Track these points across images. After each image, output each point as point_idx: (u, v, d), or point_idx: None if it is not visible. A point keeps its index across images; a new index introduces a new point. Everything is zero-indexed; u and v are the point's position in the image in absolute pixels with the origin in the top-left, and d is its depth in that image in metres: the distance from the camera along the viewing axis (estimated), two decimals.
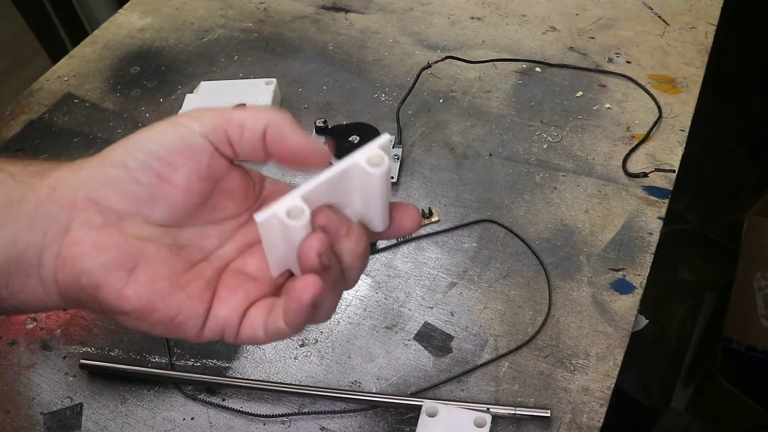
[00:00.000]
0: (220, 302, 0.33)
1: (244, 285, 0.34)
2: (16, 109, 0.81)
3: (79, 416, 0.54)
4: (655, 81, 0.75)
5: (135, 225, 0.32)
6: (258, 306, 0.33)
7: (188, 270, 0.33)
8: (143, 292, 0.31)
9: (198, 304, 0.32)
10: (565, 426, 0.50)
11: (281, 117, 0.33)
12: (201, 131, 0.32)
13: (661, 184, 0.65)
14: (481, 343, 0.55)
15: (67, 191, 0.32)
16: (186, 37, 0.89)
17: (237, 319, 0.33)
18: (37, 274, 0.32)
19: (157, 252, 0.32)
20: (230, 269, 0.35)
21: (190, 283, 0.33)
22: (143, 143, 0.32)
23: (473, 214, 0.65)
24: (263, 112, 0.33)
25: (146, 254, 0.32)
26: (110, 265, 0.31)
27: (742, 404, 1.10)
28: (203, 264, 0.34)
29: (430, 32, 0.85)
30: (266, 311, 0.33)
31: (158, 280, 0.32)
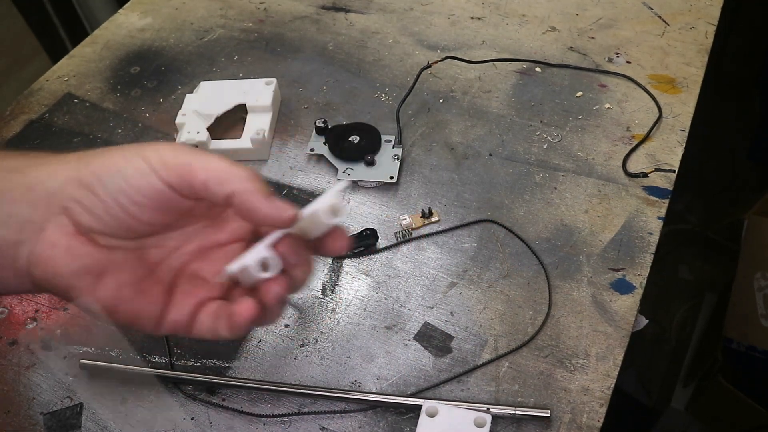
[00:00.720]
0: (174, 306, 0.37)
1: (196, 289, 0.37)
2: (16, 109, 0.81)
3: (79, 416, 0.54)
4: (655, 81, 0.75)
5: (104, 237, 0.35)
6: (206, 311, 0.37)
7: (149, 275, 0.37)
8: (109, 298, 0.35)
9: (155, 308, 0.36)
10: (565, 426, 0.50)
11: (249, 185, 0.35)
12: (166, 180, 0.34)
13: (661, 184, 0.65)
14: (481, 343, 0.55)
15: (43, 195, 0.34)
16: (186, 37, 0.89)
17: (187, 322, 0.37)
18: (12, 267, 0.34)
19: (123, 259, 0.36)
20: (187, 272, 0.38)
21: (150, 289, 0.36)
22: (113, 176, 0.34)
23: (473, 214, 0.65)
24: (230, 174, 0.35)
25: (114, 262, 0.35)
26: (81, 271, 0.34)
27: (742, 404, 1.10)
28: (163, 266, 0.38)
29: (430, 32, 0.85)
30: (213, 317, 0.36)
31: (123, 287, 0.35)
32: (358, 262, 0.62)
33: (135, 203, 0.34)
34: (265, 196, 0.34)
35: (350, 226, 0.65)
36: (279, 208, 0.35)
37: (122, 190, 0.34)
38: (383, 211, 0.66)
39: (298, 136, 0.74)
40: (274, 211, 0.34)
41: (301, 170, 0.71)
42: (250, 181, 0.34)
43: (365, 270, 0.62)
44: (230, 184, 0.34)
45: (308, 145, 0.71)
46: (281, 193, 0.68)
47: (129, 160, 0.34)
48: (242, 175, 0.34)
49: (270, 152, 0.73)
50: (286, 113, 0.77)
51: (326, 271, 0.62)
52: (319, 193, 0.68)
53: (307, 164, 0.71)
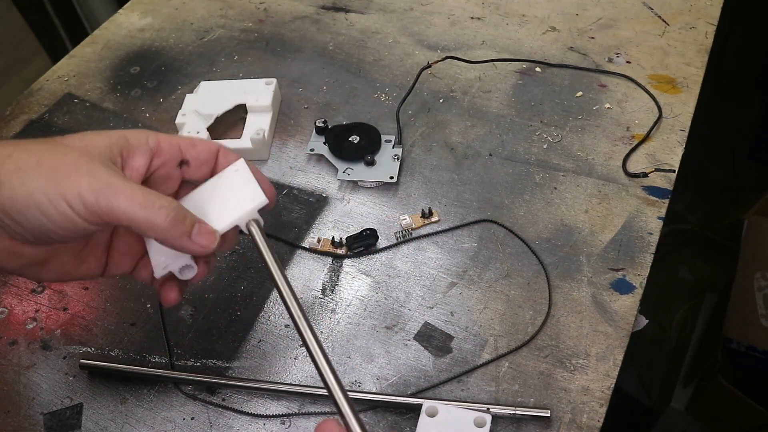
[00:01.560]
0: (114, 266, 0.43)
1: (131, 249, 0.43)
2: (16, 109, 0.81)
3: (79, 416, 0.54)
4: (655, 81, 0.75)
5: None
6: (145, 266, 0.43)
7: (87, 244, 0.42)
8: (55, 276, 0.41)
9: (96, 269, 0.43)
10: (565, 426, 0.50)
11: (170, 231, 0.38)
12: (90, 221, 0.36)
13: (661, 184, 0.65)
14: (481, 343, 0.55)
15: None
16: (186, 37, 0.89)
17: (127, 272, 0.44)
18: None
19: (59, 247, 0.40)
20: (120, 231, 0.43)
21: (89, 257, 0.42)
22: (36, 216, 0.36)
23: (473, 214, 0.65)
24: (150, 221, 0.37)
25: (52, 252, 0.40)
26: (25, 265, 0.39)
27: (742, 404, 1.10)
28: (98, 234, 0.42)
29: (430, 32, 0.85)
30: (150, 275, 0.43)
31: (65, 265, 0.41)
32: (358, 262, 0.62)
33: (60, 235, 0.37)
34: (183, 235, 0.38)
35: (350, 226, 0.65)
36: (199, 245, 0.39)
37: (45, 228, 0.36)
38: (383, 211, 0.66)
39: (298, 136, 0.74)
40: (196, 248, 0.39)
41: (301, 170, 0.71)
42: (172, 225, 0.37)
43: (365, 270, 0.62)
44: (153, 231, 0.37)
45: (308, 145, 0.71)
46: (281, 193, 0.68)
47: (51, 199, 0.35)
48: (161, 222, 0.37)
49: (270, 152, 0.73)
50: (286, 113, 0.77)
51: (326, 271, 0.62)
52: (319, 193, 0.68)
53: (307, 164, 0.71)
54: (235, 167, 0.43)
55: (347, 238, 0.63)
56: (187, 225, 0.38)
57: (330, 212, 0.66)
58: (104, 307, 0.61)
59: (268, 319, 0.59)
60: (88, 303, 0.61)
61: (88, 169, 0.36)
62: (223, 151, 0.44)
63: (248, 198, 0.41)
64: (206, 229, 0.39)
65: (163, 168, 0.42)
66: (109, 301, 0.61)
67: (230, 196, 0.41)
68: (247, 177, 0.42)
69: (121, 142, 0.39)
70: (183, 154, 0.42)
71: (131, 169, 0.40)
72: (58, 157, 0.36)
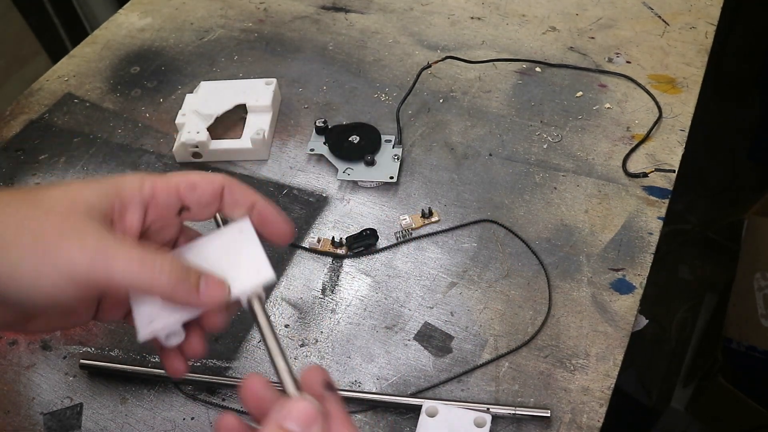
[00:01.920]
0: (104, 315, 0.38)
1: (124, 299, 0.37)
2: (16, 109, 0.81)
3: (79, 416, 0.54)
4: (655, 81, 0.75)
5: None
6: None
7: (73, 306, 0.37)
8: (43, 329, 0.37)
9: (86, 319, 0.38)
10: (565, 426, 0.50)
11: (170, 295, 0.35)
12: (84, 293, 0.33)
13: (661, 184, 0.65)
14: (481, 343, 0.55)
15: None
16: (186, 37, 0.89)
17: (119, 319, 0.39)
18: None
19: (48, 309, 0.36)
20: None
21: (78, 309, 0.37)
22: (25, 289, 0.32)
23: (473, 214, 0.65)
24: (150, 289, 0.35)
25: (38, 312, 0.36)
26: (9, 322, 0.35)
27: (742, 404, 1.10)
28: None
29: (430, 32, 0.85)
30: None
31: (52, 320, 0.36)
32: (358, 262, 0.62)
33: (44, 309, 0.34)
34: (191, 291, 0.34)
35: (350, 226, 0.65)
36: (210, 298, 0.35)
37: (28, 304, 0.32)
38: (383, 211, 0.66)
39: (298, 136, 0.74)
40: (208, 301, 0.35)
41: (301, 170, 0.71)
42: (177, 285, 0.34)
43: (365, 270, 0.62)
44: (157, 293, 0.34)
45: (308, 145, 0.71)
46: (281, 193, 0.68)
47: (37, 274, 0.31)
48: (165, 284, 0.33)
49: (270, 152, 0.73)
50: (286, 113, 0.77)
51: (326, 271, 0.62)
52: (319, 193, 0.68)
53: (307, 164, 0.71)
54: (239, 228, 0.38)
55: (347, 238, 0.63)
56: (193, 280, 0.34)
57: (330, 212, 0.66)
58: None
59: None
60: None
61: (76, 236, 0.32)
62: (229, 187, 0.37)
63: (253, 270, 0.36)
64: (214, 280, 0.35)
65: (160, 219, 0.37)
66: None
67: (232, 263, 0.37)
68: (252, 242, 0.37)
69: (111, 196, 0.35)
70: (182, 200, 0.37)
71: (125, 226, 0.35)
72: (40, 221, 0.32)
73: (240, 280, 0.36)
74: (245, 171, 0.71)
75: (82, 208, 0.33)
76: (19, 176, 0.73)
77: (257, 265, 0.36)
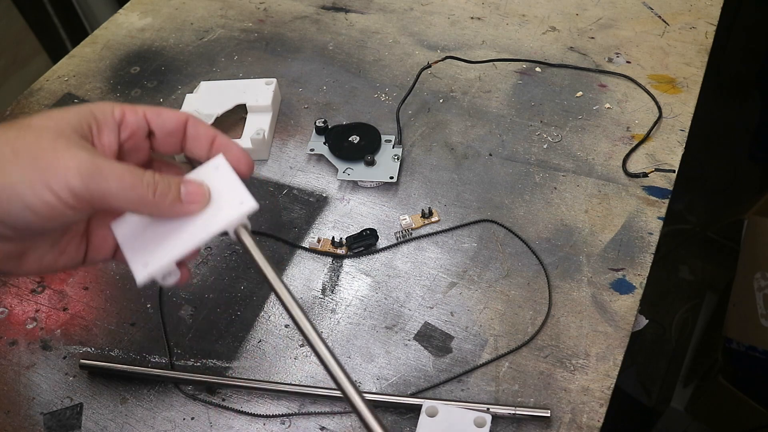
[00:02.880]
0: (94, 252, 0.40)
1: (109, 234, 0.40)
2: (16, 109, 0.81)
3: (79, 416, 0.54)
4: (655, 81, 0.75)
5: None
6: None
7: (64, 235, 0.39)
8: (34, 269, 0.38)
9: (77, 258, 0.40)
10: (565, 426, 0.50)
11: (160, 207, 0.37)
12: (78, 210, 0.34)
13: (661, 184, 0.65)
14: (481, 343, 0.55)
15: None
16: (186, 37, 0.89)
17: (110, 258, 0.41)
18: None
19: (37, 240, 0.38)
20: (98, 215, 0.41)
21: (68, 246, 0.39)
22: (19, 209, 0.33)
23: (473, 214, 0.65)
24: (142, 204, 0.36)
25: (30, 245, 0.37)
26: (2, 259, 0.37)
27: (742, 404, 1.10)
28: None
29: (430, 32, 0.85)
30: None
31: (43, 257, 0.38)
32: (358, 262, 0.62)
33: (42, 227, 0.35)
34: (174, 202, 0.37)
35: (350, 226, 0.65)
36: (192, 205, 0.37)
37: (27, 221, 0.34)
38: (383, 211, 0.66)
39: (298, 136, 0.74)
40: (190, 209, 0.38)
41: (301, 170, 0.71)
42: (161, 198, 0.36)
43: (365, 270, 0.62)
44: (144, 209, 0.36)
45: (308, 145, 0.71)
46: (281, 193, 0.68)
47: (35, 190, 0.33)
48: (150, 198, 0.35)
49: (270, 152, 0.73)
50: (286, 113, 0.77)
51: (326, 271, 0.62)
52: (319, 193, 0.68)
53: (307, 164, 0.71)
54: (215, 164, 0.40)
55: (347, 238, 0.63)
56: (174, 191, 0.37)
57: (330, 212, 0.66)
58: (104, 307, 0.61)
59: (268, 319, 0.59)
60: (88, 303, 0.61)
61: (70, 153, 0.34)
62: (192, 120, 0.40)
63: (235, 202, 0.38)
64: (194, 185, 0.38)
65: (131, 140, 0.39)
66: (109, 301, 0.61)
67: (213, 198, 0.39)
68: (230, 177, 0.39)
69: (89, 118, 0.37)
70: (149, 124, 0.39)
71: (102, 146, 0.37)
72: (33, 141, 0.34)
73: (223, 213, 0.38)
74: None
75: (68, 129, 0.35)
76: None
77: (239, 197, 0.38)
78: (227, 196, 0.38)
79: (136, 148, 0.40)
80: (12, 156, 0.33)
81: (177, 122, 0.40)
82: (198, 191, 0.38)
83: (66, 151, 0.34)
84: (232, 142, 0.41)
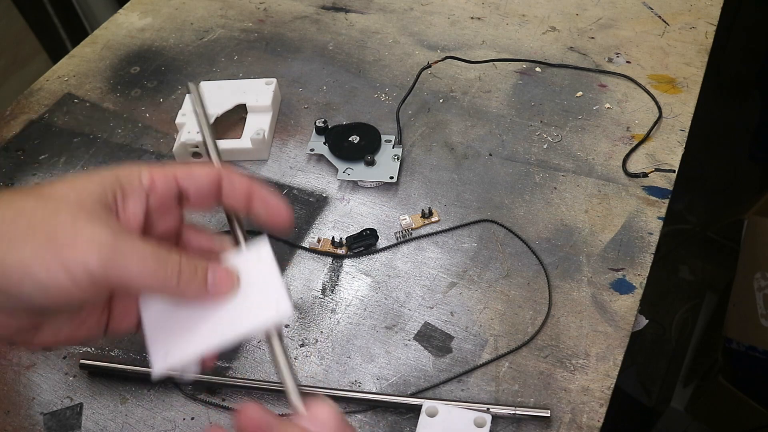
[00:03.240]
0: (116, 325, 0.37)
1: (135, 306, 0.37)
2: (16, 109, 0.81)
3: (79, 416, 0.54)
4: (655, 81, 0.75)
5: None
6: None
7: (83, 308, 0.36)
8: (50, 342, 0.35)
9: (97, 331, 0.37)
10: (565, 426, 0.50)
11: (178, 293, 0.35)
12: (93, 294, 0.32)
13: (661, 184, 0.65)
14: (481, 343, 0.55)
15: None
16: (186, 37, 0.89)
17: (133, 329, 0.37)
18: None
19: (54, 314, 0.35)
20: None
21: (88, 318, 0.36)
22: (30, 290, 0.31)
23: (473, 214, 0.65)
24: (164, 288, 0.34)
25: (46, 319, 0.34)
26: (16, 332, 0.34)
27: (742, 404, 1.10)
28: None
29: (430, 32, 0.85)
30: None
31: (60, 330, 0.35)
32: (358, 262, 0.62)
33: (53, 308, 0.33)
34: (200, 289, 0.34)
35: (350, 226, 0.65)
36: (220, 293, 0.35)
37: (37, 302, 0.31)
38: (383, 211, 0.66)
39: (298, 136, 0.74)
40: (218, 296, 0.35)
41: (301, 170, 0.71)
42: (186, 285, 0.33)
43: (365, 270, 0.62)
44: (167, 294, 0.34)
45: (308, 145, 0.71)
46: (281, 193, 0.68)
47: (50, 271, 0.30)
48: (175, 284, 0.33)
49: (270, 152, 0.73)
50: (286, 113, 0.77)
51: (326, 271, 0.62)
52: (319, 193, 0.68)
53: (307, 164, 0.71)
54: (257, 251, 0.36)
55: (347, 238, 0.63)
56: (200, 277, 0.34)
57: (330, 212, 0.66)
58: None
59: None
60: None
61: (90, 230, 0.31)
62: (227, 175, 0.37)
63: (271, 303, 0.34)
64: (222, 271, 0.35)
65: (160, 206, 0.36)
66: None
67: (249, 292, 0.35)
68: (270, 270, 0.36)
69: (114, 186, 0.34)
70: (180, 187, 0.36)
71: (128, 216, 0.34)
72: (51, 214, 0.31)
73: (256, 313, 0.35)
74: (245, 171, 0.71)
75: (89, 201, 0.33)
76: (19, 176, 0.73)
77: (276, 297, 0.35)
78: (263, 292, 0.35)
79: (166, 213, 0.37)
80: (27, 229, 0.30)
81: (210, 181, 0.37)
82: (226, 279, 0.35)
83: (86, 228, 0.31)
84: (270, 194, 0.37)
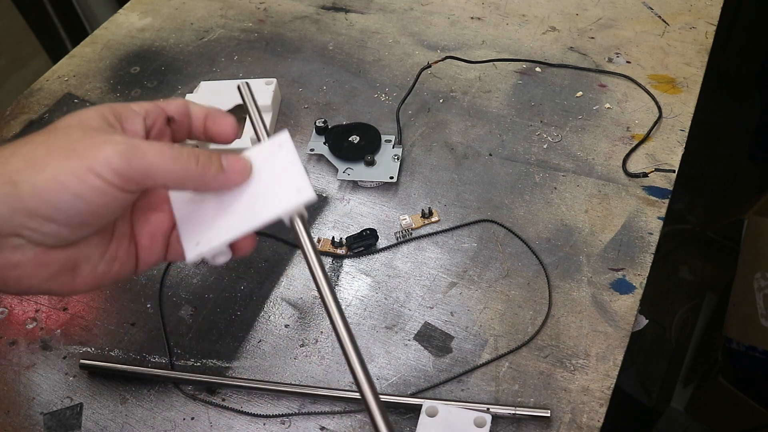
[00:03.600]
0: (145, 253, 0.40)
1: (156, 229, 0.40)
2: (16, 109, 0.81)
3: (79, 416, 0.54)
4: (655, 81, 0.75)
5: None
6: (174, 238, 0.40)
7: (112, 239, 0.38)
8: (90, 281, 0.37)
9: (129, 264, 0.39)
10: (565, 426, 0.50)
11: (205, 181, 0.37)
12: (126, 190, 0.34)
13: (661, 184, 0.65)
14: (481, 343, 0.55)
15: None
16: (186, 37, 0.89)
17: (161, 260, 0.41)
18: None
19: (88, 245, 0.37)
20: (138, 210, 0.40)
21: (118, 251, 0.38)
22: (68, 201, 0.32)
23: (473, 214, 0.65)
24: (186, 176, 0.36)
25: (81, 251, 0.36)
26: (55, 275, 0.35)
27: (742, 404, 1.10)
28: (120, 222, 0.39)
29: (430, 32, 0.85)
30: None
31: (96, 266, 0.37)
32: (358, 262, 0.62)
33: (93, 215, 0.34)
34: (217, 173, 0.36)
35: (350, 226, 0.65)
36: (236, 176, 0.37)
37: (79, 210, 0.33)
38: (383, 211, 0.66)
39: (298, 136, 0.74)
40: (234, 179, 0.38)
41: None
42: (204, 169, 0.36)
43: (365, 270, 0.62)
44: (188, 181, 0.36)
45: (308, 145, 0.71)
46: None
47: (80, 177, 0.32)
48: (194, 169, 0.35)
49: None
50: (286, 113, 0.77)
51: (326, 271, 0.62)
52: (319, 193, 0.68)
53: (307, 164, 0.71)
54: (278, 142, 0.38)
55: (347, 238, 0.63)
56: (215, 162, 0.36)
57: (330, 212, 0.66)
58: (104, 307, 0.61)
59: (268, 319, 0.59)
60: (88, 303, 0.61)
61: (104, 139, 0.33)
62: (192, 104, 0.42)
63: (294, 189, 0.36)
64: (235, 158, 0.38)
65: (155, 127, 0.40)
66: (109, 301, 0.61)
67: (272, 180, 0.37)
68: (291, 159, 0.37)
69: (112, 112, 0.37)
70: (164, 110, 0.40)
71: (131, 133, 0.37)
72: (64, 137, 0.34)
73: (279, 198, 0.36)
74: None
75: (94, 123, 0.35)
76: None
77: (298, 183, 0.36)
78: (285, 179, 0.37)
79: (161, 134, 0.40)
80: (47, 154, 0.33)
81: (185, 105, 0.41)
82: (239, 162, 0.38)
83: (99, 137, 0.34)
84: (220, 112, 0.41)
